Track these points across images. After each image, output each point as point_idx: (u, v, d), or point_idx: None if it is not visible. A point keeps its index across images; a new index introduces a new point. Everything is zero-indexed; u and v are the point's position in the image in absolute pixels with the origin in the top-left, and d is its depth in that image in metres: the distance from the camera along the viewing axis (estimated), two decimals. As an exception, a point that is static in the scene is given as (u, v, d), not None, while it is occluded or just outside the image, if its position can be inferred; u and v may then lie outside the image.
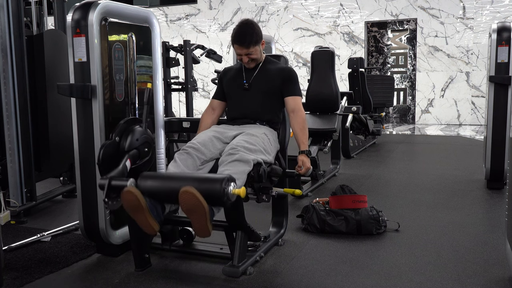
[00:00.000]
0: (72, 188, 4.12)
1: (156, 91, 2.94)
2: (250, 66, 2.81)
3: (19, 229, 3.27)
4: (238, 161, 2.39)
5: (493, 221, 3.36)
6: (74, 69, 2.58)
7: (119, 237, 2.74)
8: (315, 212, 3.14)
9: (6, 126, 3.39)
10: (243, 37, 2.68)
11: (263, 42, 2.80)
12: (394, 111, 10.40)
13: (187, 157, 2.52)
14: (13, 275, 2.50)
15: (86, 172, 2.65)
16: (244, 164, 2.40)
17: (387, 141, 7.53)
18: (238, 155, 2.40)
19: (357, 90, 6.63)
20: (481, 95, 9.35)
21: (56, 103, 3.89)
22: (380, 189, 4.38)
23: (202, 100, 11.39)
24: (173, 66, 5.82)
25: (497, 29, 4.02)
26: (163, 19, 11.70)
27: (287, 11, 10.68)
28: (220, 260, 2.64)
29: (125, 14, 2.73)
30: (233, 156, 2.41)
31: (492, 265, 2.57)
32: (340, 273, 2.50)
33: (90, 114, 2.58)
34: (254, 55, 2.74)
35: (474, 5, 9.31)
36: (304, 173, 2.68)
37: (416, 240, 2.98)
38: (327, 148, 4.63)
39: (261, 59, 2.84)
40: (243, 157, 2.40)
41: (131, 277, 2.49)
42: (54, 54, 3.90)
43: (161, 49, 2.99)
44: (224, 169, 2.38)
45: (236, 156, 2.40)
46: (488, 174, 4.17)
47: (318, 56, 5.06)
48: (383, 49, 10.40)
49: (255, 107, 2.80)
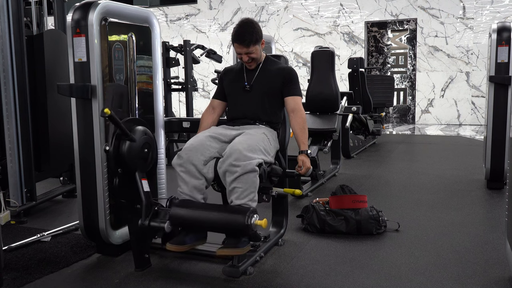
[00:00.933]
0: (72, 188, 4.12)
1: (156, 91, 2.94)
2: (251, 67, 2.81)
3: (19, 229, 3.27)
4: (243, 174, 2.41)
5: (493, 221, 3.36)
6: (74, 69, 2.58)
7: (119, 237, 2.74)
8: (315, 212, 3.14)
9: (6, 126, 3.39)
10: (243, 36, 2.68)
11: (263, 41, 2.79)
12: (394, 111, 10.40)
13: (188, 167, 2.53)
14: (13, 275, 2.50)
15: (86, 172, 2.64)
16: (250, 174, 2.42)
17: (387, 141, 7.53)
18: (240, 168, 2.40)
19: (357, 90, 6.62)
20: (481, 95, 9.35)
21: (56, 103, 3.89)
22: (380, 189, 4.38)
23: (202, 100, 11.39)
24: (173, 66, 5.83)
25: (497, 29, 4.02)
26: (163, 19, 11.70)
27: (287, 11, 10.68)
28: (220, 260, 2.64)
29: (125, 14, 2.73)
30: (236, 170, 2.41)
31: (492, 265, 2.57)
32: (340, 273, 2.50)
33: (90, 114, 2.58)
34: (254, 54, 2.73)
35: (474, 5, 9.31)
36: (304, 173, 2.68)
37: (416, 240, 2.98)
38: (327, 148, 4.63)
39: (261, 59, 2.84)
40: (246, 168, 2.40)
41: (131, 277, 2.49)
42: (54, 54, 3.90)
43: (161, 49, 2.99)
44: (233, 187, 2.43)
45: (239, 170, 2.40)
46: (488, 174, 4.17)
47: (318, 56, 5.06)
48: (383, 49, 10.40)
49: (255, 107, 2.80)
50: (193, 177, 2.53)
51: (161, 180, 3.01)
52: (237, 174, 2.40)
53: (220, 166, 2.47)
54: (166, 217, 2.50)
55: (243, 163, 2.40)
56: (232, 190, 2.44)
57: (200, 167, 2.53)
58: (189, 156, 2.53)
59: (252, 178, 2.42)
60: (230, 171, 2.42)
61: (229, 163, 2.42)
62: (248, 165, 2.41)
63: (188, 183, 2.53)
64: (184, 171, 2.53)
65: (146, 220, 2.48)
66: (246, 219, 2.31)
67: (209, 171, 2.55)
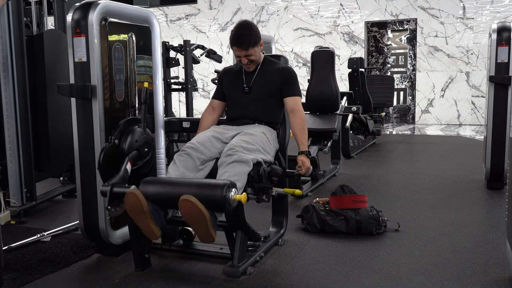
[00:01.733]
0: (72, 188, 4.12)
1: (156, 91, 2.94)
2: (250, 69, 2.80)
3: (19, 229, 3.27)
4: (237, 162, 2.39)
5: (493, 221, 3.36)
6: (74, 69, 2.58)
7: (119, 237, 2.74)
8: (315, 212, 3.14)
9: (6, 126, 3.39)
10: (242, 39, 2.67)
11: (262, 43, 2.78)
12: (394, 111, 10.40)
13: (187, 158, 2.51)
14: (13, 275, 2.50)
15: (86, 172, 2.65)
16: (243, 165, 2.40)
17: (387, 141, 7.53)
18: (236, 156, 2.40)
19: (357, 90, 6.63)
20: (481, 95, 9.35)
21: (56, 103, 3.89)
22: (380, 189, 4.38)
23: (202, 100, 11.39)
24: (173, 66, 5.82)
25: (497, 29, 4.02)
26: (163, 19, 11.70)
27: (287, 11, 10.68)
28: (220, 260, 2.64)
29: (125, 14, 2.73)
30: (232, 157, 2.41)
31: (492, 265, 2.57)
32: (340, 273, 2.50)
33: (90, 114, 2.58)
34: (253, 57, 2.72)
35: (474, 5, 9.31)
36: (304, 173, 2.68)
37: (416, 240, 2.98)
38: (327, 148, 4.63)
39: (260, 60, 2.83)
40: (242, 157, 2.40)
41: (131, 277, 2.49)
42: (54, 54, 3.90)
43: (161, 49, 2.99)
44: (224, 171, 2.38)
45: (235, 157, 2.40)
46: (488, 174, 4.17)
47: (318, 56, 5.06)
48: (383, 49, 10.40)
49: (255, 109, 2.80)
50: (186, 169, 2.49)
51: (161, 180, 3.01)
52: (231, 160, 2.39)
53: (220, 164, 2.47)
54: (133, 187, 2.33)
55: (240, 154, 2.40)
56: (221, 175, 2.39)
57: (197, 164, 2.52)
58: (190, 153, 2.53)
59: (243, 169, 2.38)
60: (226, 161, 2.42)
61: (226, 154, 2.44)
62: (245, 156, 2.40)
63: (179, 169, 2.47)
64: (181, 160, 2.50)
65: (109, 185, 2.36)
66: (223, 191, 2.17)
67: (205, 170, 2.55)
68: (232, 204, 2.20)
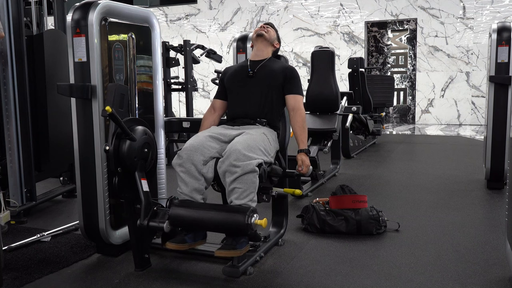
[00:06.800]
0: (72, 188, 4.12)
1: (156, 91, 2.94)
2: (262, 36, 2.91)
3: (19, 229, 3.26)
4: (244, 174, 2.41)
5: (493, 221, 3.36)
6: (74, 69, 2.58)
7: (119, 237, 2.74)
8: (315, 212, 3.14)
9: (6, 126, 3.39)
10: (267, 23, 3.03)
11: (278, 44, 3.02)
12: (394, 111, 10.40)
13: (188, 167, 2.52)
14: (13, 275, 2.50)
15: (86, 172, 2.64)
16: (250, 174, 2.42)
17: (387, 141, 7.53)
18: (240, 169, 2.40)
19: (357, 90, 6.63)
20: (481, 95, 9.35)
21: (56, 103, 3.89)
22: (380, 189, 4.38)
23: (202, 100, 11.40)
24: (173, 66, 5.82)
25: (497, 29, 4.02)
26: (163, 19, 11.70)
27: (287, 11, 10.68)
28: (220, 260, 2.64)
29: (125, 14, 2.73)
30: (236, 171, 2.41)
31: (492, 265, 2.57)
32: (340, 273, 2.50)
33: (90, 114, 2.58)
34: (269, 31, 2.95)
35: (474, 5, 9.31)
36: (305, 172, 2.69)
37: (416, 240, 2.98)
38: (327, 148, 4.63)
39: (267, 55, 2.93)
40: (246, 168, 2.40)
41: (131, 277, 2.49)
42: (54, 54, 3.90)
43: (161, 49, 2.99)
44: (234, 187, 2.43)
45: (239, 171, 2.40)
46: (488, 174, 4.17)
47: (318, 56, 5.06)
48: (383, 49, 10.40)
49: (257, 98, 2.80)
50: (192, 178, 2.53)
51: (161, 180, 3.01)
52: (237, 175, 2.40)
53: (220, 166, 2.47)
54: (165, 217, 2.49)
55: (243, 163, 2.40)
56: (232, 191, 2.44)
57: (199, 167, 2.53)
58: (188, 155, 2.53)
59: (252, 178, 2.42)
60: (230, 171, 2.42)
61: (229, 163, 2.42)
62: (248, 165, 2.41)
63: (187, 183, 2.53)
64: (183, 171, 2.53)
65: (145, 220, 2.48)
66: (246, 218, 2.31)
67: (209, 171, 2.55)
68: (254, 228, 2.35)
